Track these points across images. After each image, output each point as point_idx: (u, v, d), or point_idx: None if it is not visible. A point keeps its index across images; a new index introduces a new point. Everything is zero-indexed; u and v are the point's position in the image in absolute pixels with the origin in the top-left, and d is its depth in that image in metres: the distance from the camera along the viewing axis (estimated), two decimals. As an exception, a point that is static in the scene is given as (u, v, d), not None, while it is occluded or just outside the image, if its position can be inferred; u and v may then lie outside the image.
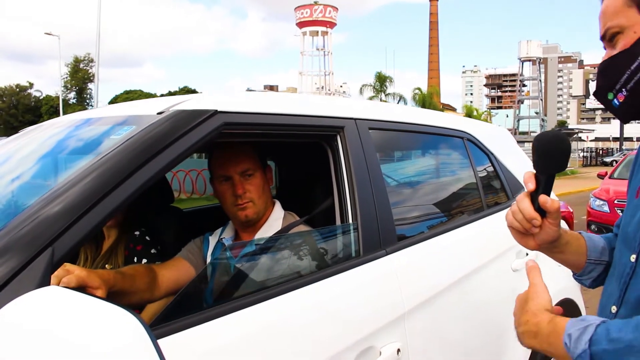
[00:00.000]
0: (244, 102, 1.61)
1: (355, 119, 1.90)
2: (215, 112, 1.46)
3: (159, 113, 1.45)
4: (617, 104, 1.12)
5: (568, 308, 2.76)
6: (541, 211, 1.15)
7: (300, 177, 2.19)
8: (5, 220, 1.13)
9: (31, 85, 67.68)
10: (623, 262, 1.17)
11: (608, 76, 1.13)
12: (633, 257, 1.13)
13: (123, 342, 0.85)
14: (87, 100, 64.10)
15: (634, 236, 1.14)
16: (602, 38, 1.14)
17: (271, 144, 1.96)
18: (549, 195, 1.15)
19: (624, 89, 1.11)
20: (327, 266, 1.67)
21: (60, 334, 0.84)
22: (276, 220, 1.93)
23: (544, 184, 1.14)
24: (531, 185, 1.14)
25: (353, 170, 1.79)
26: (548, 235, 1.19)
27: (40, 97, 65.01)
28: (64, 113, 43.56)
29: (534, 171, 1.15)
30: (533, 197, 1.15)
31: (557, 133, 1.15)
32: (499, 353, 2.26)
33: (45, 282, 1.04)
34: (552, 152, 1.13)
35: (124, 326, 0.86)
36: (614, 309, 1.18)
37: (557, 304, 2.60)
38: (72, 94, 64.09)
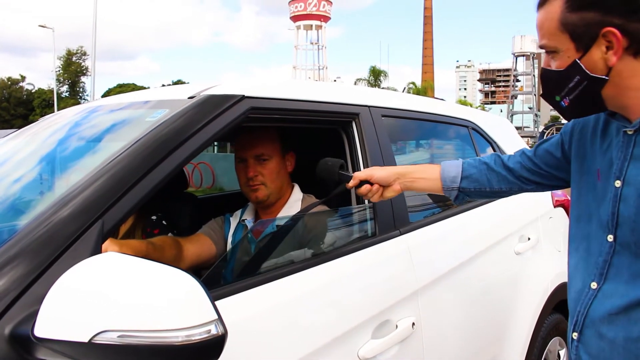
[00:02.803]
0: (269, 88, 1.69)
1: (369, 107, 1.98)
2: (243, 97, 1.54)
3: (190, 97, 1.53)
4: (564, 105, 1.29)
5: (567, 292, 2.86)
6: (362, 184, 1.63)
7: (316, 162, 2.27)
8: (59, 196, 1.21)
9: (23, 78, 67.25)
10: (598, 241, 1.30)
11: (551, 86, 1.29)
12: (610, 237, 1.27)
13: (184, 298, 0.93)
14: (80, 94, 63.77)
15: (609, 218, 1.27)
16: (541, 47, 1.29)
17: (290, 129, 2.04)
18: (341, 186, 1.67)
19: (566, 97, 1.27)
20: (345, 244, 1.75)
21: (126, 291, 0.92)
22: (295, 202, 2.03)
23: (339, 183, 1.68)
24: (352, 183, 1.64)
25: (368, 154, 1.88)
26: (378, 192, 1.65)
27: (33, 91, 64.60)
28: (58, 106, 43.33)
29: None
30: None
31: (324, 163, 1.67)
32: (504, 328, 2.37)
33: (97, 250, 1.12)
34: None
35: (182, 284, 0.94)
36: (594, 285, 1.30)
37: (556, 288, 2.70)
38: (65, 87, 63.75)
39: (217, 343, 0.94)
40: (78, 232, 1.11)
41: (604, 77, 1.20)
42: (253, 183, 1.96)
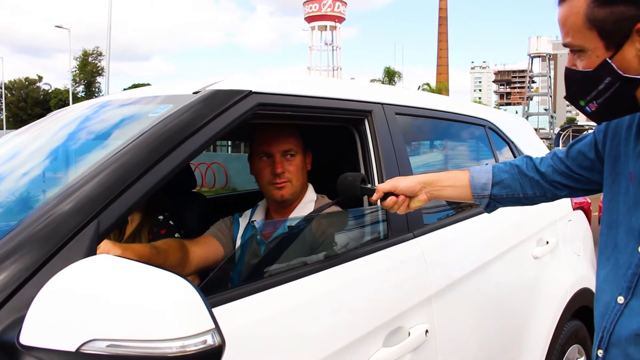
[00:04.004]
0: (278, 84, 1.63)
1: (382, 104, 1.91)
2: (250, 93, 1.48)
3: (195, 92, 1.47)
4: (590, 111, 1.18)
5: (586, 298, 2.77)
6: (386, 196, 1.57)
7: (328, 161, 2.21)
8: (53, 194, 1.16)
9: (40, 78, 68.07)
10: (628, 252, 1.20)
11: (577, 87, 1.17)
12: None
13: (177, 304, 0.86)
14: (96, 94, 64.36)
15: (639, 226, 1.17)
16: (565, 45, 1.18)
17: (300, 126, 1.97)
18: (368, 197, 1.64)
19: (594, 101, 1.15)
20: (356, 247, 1.68)
21: (117, 297, 0.86)
22: (309, 202, 1.95)
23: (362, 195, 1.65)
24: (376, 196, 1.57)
25: (381, 154, 1.81)
26: (405, 204, 1.56)
27: (49, 91, 65.40)
28: (74, 106, 43.74)
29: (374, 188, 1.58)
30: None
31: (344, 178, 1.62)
32: (521, 336, 2.28)
33: (92, 252, 1.06)
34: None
35: (178, 291, 0.88)
36: (621, 299, 1.21)
37: (576, 294, 2.62)
38: (81, 88, 64.42)
39: (213, 354, 0.87)
40: (71, 233, 1.06)
41: (638, 76, 1.08)
42: (280, 180, 1.87)
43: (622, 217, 1.23)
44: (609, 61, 1.09)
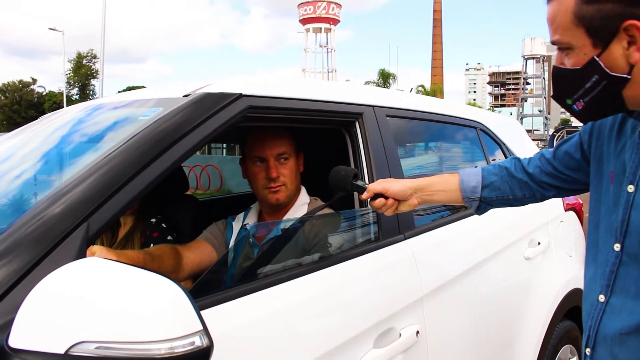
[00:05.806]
0: (268, 86, 1.63)
1: (373, 106, 1.92)
2: (240, 96, 1.48)
3: (185, 96, 1.47)
4: (577, 109, 1.18)
5: (578, 298, 2.78)
6: (377, 196, 1.56)
7: (319, 163, 2.22)
8: (42, 197, 1.16)
9: (34, 81, 67.70)
10: (606, 250, 1.21)
11: (564, 85, 1.17)
12: (617, 247, 1.18)
13: (165, 306, 0.87)
14: (90, 97, 64.06)
15: (618, 225, 1.18)
16: (553, 43, 1.18)
17: (292, 128, 1.98)
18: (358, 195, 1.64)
19: (581, 100, 1.15)
20: (347, 249, 1.69)
21: (106, 299, 0.87)
22: (302, 205, 1.95)
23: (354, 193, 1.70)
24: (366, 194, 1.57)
25: (372, 156, 1.81)
26: (393, 207, 1.56)
27: (43, 93, 65.06)
28: (68, 109, 43.55)
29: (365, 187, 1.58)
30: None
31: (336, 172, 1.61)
32: (513, 336, 2.29)
33: (81, 255, 1.06)
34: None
35: (166, 293, 0.88)
36: (601, 297, 1.21)
37: (567, 294, 2.63)
38: (75, 90, 64.10)
39: (202, 356, 0.88)
40: (61, 236, 1.06)
41: (625, 75, 1.08)
42: (275, 184, 1.86)
43: (602, 217, 1.24)
44: (597, 59, 1.09)
